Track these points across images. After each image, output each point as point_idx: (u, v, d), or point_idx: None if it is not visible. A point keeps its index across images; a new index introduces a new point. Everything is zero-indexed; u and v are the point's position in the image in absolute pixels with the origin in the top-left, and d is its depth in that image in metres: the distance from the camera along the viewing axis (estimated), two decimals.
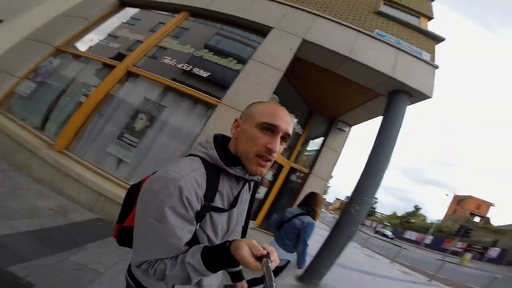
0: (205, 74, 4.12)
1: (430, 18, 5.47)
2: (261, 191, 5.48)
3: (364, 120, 6.08)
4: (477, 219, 52.13)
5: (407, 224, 50.60)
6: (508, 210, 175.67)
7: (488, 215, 57.90)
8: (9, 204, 2.60)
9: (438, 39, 4.89)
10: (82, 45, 4.85)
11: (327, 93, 5.42)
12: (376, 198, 52.38)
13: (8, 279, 1.71)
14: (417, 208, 49.96)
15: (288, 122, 0.75)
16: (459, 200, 58.88)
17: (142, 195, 0.69)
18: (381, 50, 4.36)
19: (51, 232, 2.46)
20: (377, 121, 4.77)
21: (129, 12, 5.34)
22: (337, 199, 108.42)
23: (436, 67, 4.36)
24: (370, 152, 4.19)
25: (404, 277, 8.58)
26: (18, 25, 4.76)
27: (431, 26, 5.29)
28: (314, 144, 6.76)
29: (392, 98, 4.39)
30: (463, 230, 24.28)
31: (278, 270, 2.74)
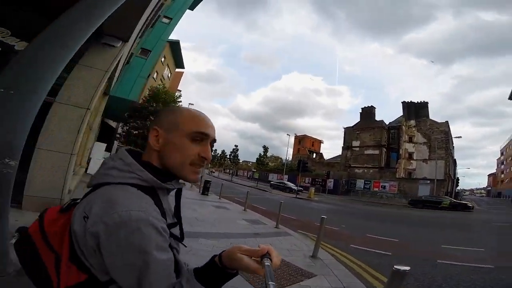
0: None
1: None
2: None
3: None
4: (314, 156, 65.48)
5: (265, 167, 56.40)
6: (332, 146, 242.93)
7: (321, 151, 74.49)
8: None
9: None
10: None
11: None
12: (236, 146, 54.99)
13: None
14: (265, 148, 55.29)
15: (214, 129, 0.76)
16: (299, 140, 70.09)
17: (115, 247, 0.56)
18: None
19: None
20: None
21: None
22: None
23: None
24: None
25: (246, 230, 6.87)
26: None
27: None
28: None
29: None
30: (301, 164, 26.72)
31: None
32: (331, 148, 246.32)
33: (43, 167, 4.00)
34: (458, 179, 30.06)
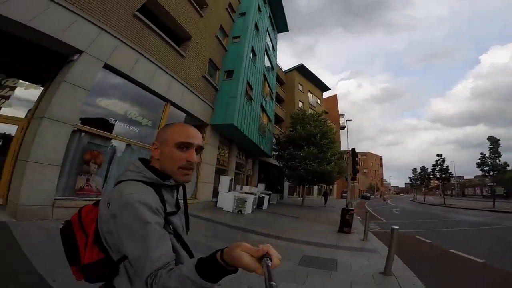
0: None
1: None
2: None
3: None
4: None
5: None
6: None
7: None
8: None
9: None
10: None
11: None
12: (440, 155, 33.08)
13: None
14: (494, 141, 23.50)
15: (200, 137, 0.94)
16: None
17: (123, 221, 0.74)
18: None
19: None
20: None
21: None
22: None
23: None
24: None
25: None
26: None
27: None
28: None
29: None
30: None
31: None
32: None
33: None
34: None
